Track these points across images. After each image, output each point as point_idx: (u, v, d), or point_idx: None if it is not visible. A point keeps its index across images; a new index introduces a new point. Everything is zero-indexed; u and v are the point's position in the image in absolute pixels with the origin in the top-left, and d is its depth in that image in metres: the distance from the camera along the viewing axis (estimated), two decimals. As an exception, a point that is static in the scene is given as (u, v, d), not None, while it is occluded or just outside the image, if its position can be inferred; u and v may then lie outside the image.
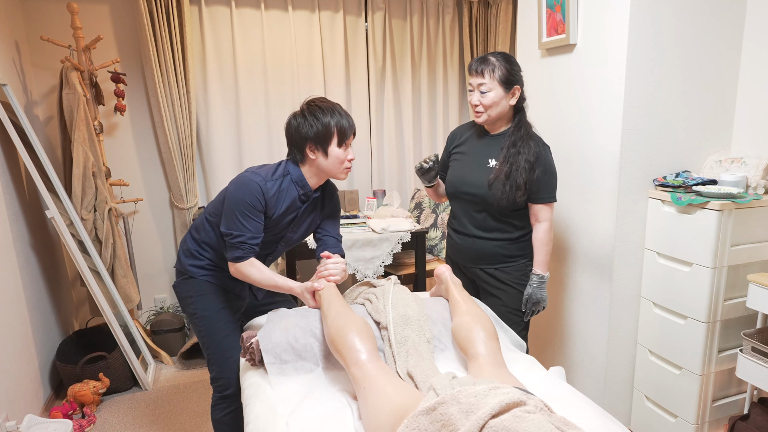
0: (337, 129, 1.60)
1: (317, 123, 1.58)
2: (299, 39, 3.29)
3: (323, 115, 1.59)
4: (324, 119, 1.59)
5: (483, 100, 1.78)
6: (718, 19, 1.98)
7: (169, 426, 2.38)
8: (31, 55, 2.88)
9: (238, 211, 1.57)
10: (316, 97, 1.66)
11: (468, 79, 1.85)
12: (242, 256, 1.59)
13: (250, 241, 1.59)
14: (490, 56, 1.78)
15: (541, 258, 1.86)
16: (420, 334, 1.45)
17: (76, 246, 2.47)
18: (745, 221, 1.83)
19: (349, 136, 1.64)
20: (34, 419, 2.14)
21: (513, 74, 1.78)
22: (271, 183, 1.61)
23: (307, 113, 1.60)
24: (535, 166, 1.77)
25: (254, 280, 1.62)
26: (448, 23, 3.59)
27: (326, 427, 1.19)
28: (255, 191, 1.57)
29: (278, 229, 1.70)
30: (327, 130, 1.59)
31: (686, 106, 2.01)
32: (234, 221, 1.58)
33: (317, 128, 1.58)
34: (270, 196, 1.60)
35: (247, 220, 1.57)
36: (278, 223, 1.67)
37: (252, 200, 1.56)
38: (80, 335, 2.83)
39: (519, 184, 1.77)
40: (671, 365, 2.02)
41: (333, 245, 1.79)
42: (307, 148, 1.61)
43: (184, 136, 3.07)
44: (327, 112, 1.60)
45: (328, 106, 1.61)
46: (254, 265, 1.62)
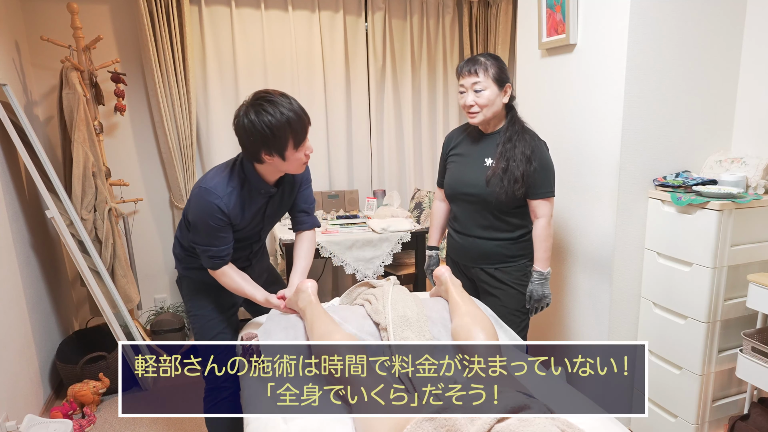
0: (292, 134, 1.46)
1: (267, 130, 1.42)
2: (299, 39, 3.29)
3: (274, 119, 1.42)
4: (275, 124, 1.42)
5: (478, 99, 1.78)
6: (718, 18, 1.98)
7: (169, 426, 2.39)
8: (31, 55, 2.88)
9: (203, 232, 1.57)
10: (262, 94, 1.47)
11: (459, 81, 1.84)
12: (213, 266, 1.62)
13: (220, 254, 1.59)
14: (480, 57, 1.80)
15: (541, 254, 1.85)
16: (419, 335, 1.45)
17: (76, 246, 2.47)
18: (745, 221, 1.83)
19: (305, 136, 1.51)
20: (34, 419, 2.14)
21: (504, 72, 1.80)
22: (227, 199, 1.53)
23: (255, 116, 1.43)
24: (532, 159, 1.77)
25: (225, 285, 1.66)
26: (448, 23, 3.59)
27: (326, 427, 1.19)
28: (215, 212, 1.52)
29: (253, 225, 1.68)
30: (281, 138, 1.44)
31: (686, 106, 2.01)
32: (201, 238, 1.59)
33: (269, 135, 1.43)
34: (231, 209, 1.55)
35: (216, 238, 1.57)
36: (250, 222, 1.65)
37: (215, 222, 1.53)
38: (80, 335, 2.83)
39: (517, 177, 1.76)
40: (671, 365, 2.02)
41: (304, 222, 1.82)
42: (262, 155, 1.48)
43: (184, 136, 3.07)
44: (277, 112, 1.42)
45: (277, 106, 1.43)
46: (225, 274, 1.64)
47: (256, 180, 1.58)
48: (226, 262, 1.63)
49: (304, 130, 1.49)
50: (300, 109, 1.48)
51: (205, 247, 1.59)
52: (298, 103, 1.49)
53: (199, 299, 1.75)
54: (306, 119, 1.49)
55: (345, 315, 1.60)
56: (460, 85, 1.84)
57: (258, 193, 1.61)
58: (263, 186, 1.59)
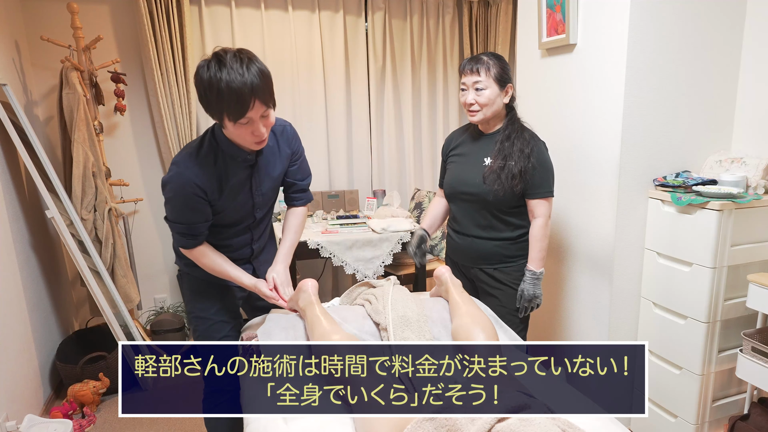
0: (226, 108, 1.28)
1: (201, 90, 1.29)
2: (299, 39, 3.29)
3: (208, 78, 1.26)
4: (206, 86, 1.27)
5: (479, 98, 1.79)
6: (719, 18, 1.98)
7: (169, 426, 2.39)
8: (31, 55, 2.88)
9: (172, 205, 1.46)
10: (225, 51, 1.30)
11: (461, 79, 1.84)
12: (185, 244, 1.52)
13: (191, 230, 1.49)
14: (483, 56, 1.81)
15: (535, 254, 1.85)
16: (419, 335, 1.45)
17: (76, 246, 2.47)
18: (745, 221, 1.83)
19: (244, 112, 1.28)
20: (34, 419, 2.14)
21: (506, 72, 1.80)
22: (197, 169, 1.40)
23: (204, 71, 1.27)
24: (531, 156, 1.77)
25: (206, 267, 1.56)
26: (448, 23, 3.59)
27: (326, 427, 1.19)
28: (185, 185, 1.40)
29: (241, 201, 1.55)
30: (212, 103, 1.29)
31: (686, 106, 2.01)
32: (171, 213, 1.48)
33: (201, 95, 1.30)
34: (202, 179, 1.41)
35: (185, 213, 1.45)
36: (235, 198, 1.53)
37: (185, 193, 1.41)
38: (80, 335, 2.83)
39: (515, 174, 1.77)
40: (671, 365, 2.02)
41: (299, 199, 1.74)
42: (213, 116, 1.35)
43: (184, 136, 3.07)
44: (216, 73, 1.25)
45: (223, 66, 1.25)
46: (204, 254, 1.54)
47: (228, 147, 1.43)
48: (200, 242, 1.53)
49: (241, 104, 1.27)
50: (244, 82, 1.25)
51: (175, 224, 1.48)
52: (258, 70, 1.29)
53: (202, 301, 1.66)
54: (248, 96, 1.26)
55: (345, 315, 1.60)
56: (461, 83, 1.84)
57: (235, 162, 1.47)
58: (239, 153, 1.44)
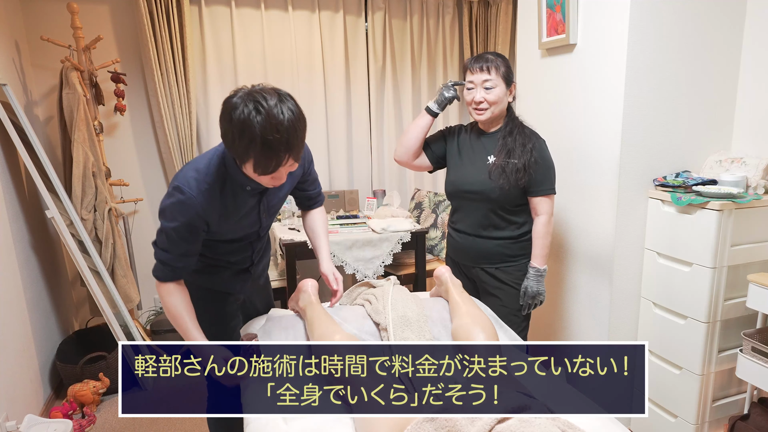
0: (255, 158, 1.18)
1: (236, 137, 1.17)
2: (299, 39, 3.29)
3: (250, 128, 1.14)
4: (242, 136, 1.15)
5: (488, 96, 1.80)
6: (719, 18, 1.98)
7: (169, 426, 2.38)
8: (31, 55, 2.88)
9: (163, 231, 1.33)
10: (263, 91, 1.19)
11: (468, 77, 1.84)
12: (162, 275, 1.36)
13: (173, 262, 1.35)
14: (489, 55, 1.82)
15: (539, 251, 1.86)
16: (419, 335, 1.45)
17: (76, 246, 2.47)
18: (745, 221, 1.83)
19: (276, 168, 1.20)
20: (34, 419, 2.14)
21: (511, 72, 1.83)
22: (203, 198, 1.29)
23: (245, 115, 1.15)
24: (533, 150, 1.80)
25: (166, 305, 1.38)
26: (448, 23, 3.59)
27: (326, 427, 1.19)
28: (185, 211, 1.29)
29: (248, 224, 1.46)
30: (243, 152, 1.18)
31: (686, 106, 2.01)
32: (160, 237, 1.35)
33: (230, 140, 1.20)
34: (206, 210, 1.31)
35: (175, 243, 1.33)
36: (239, 224, 1.44)
37: (179, 222, 1.30)
38: (80, 335, 2.83)
39: (519, 168, 1.78)
40: (671, 365, 2.02)
41: (316, 202, 1.69)
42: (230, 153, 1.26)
43: (184, 136, 3.07)
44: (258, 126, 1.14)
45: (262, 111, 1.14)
46: (171, 293, 1.36)
47: (239, 177, 1.33)
48: (178, 278, 1.37)
49: (274, 161, 1.18)
50: (281, 139, 1.14)
51: (163, 251, 1.35)
52: (296, 119, 1.16)
53: (198, 311, 1.46)
54: (283, 154, 1.17)
55: (345, 315, 1.60)
56: (468, 81, 1.84)
57: (243, 191, 1.37)
58: (249, 182, 1.34)
